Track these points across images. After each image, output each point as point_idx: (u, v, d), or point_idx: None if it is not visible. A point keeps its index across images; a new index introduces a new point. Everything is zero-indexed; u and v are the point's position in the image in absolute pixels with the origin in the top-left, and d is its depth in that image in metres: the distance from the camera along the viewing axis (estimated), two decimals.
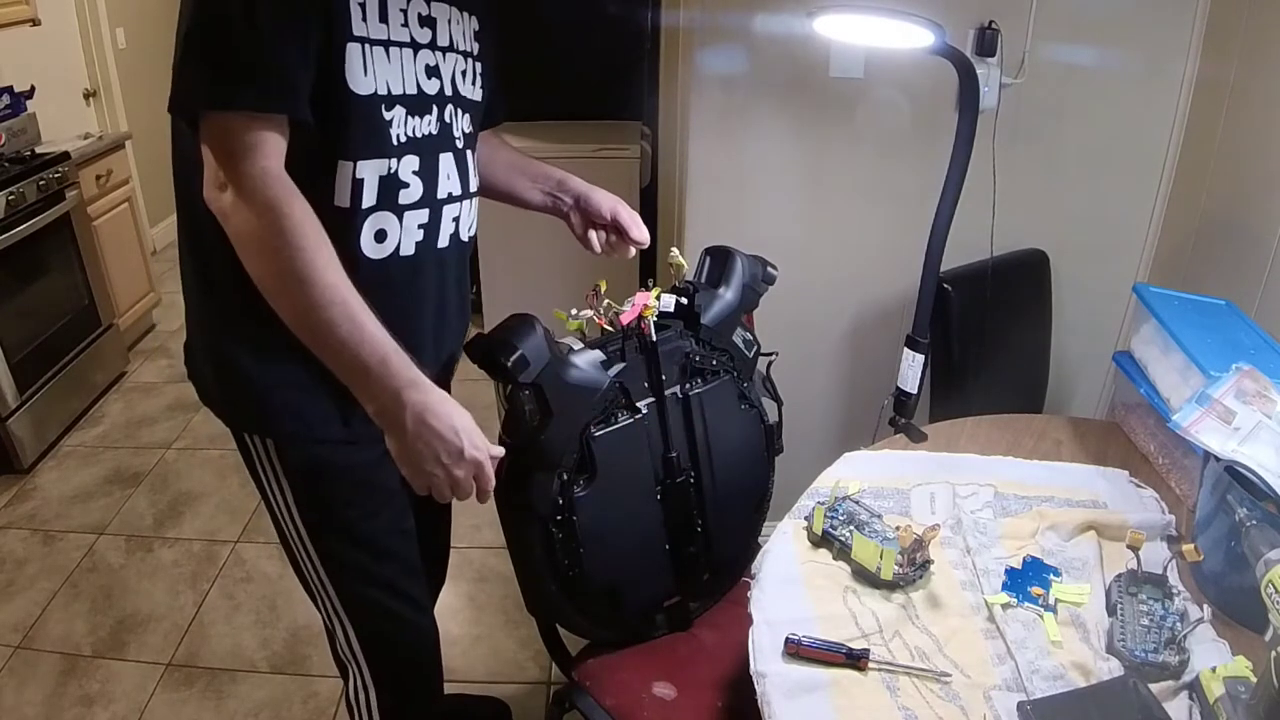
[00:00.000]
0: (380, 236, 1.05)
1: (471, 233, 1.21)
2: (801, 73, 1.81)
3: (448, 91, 1.10)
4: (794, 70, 1.81)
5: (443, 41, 1.08)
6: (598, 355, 1.21)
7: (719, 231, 1.64)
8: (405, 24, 1.01)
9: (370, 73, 0.98)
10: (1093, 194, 1.91)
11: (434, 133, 1.08)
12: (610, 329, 1.25)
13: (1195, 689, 0.95)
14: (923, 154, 1.75)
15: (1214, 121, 1.74)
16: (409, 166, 1.05)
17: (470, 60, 1.14)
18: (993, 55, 1.75)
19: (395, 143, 1.02)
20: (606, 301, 1.24)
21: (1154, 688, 0.96)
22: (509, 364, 1.10)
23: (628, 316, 1.22)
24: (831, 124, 1.85)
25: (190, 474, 2.73)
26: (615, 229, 1.33)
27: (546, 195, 1.36)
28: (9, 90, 3.03)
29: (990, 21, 1.74)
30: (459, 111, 1.13)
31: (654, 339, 1.24)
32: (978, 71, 1.40)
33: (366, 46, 0.97)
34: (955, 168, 1.40)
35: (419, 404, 0.96)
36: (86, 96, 3.94)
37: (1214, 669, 0.94)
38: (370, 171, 1.02)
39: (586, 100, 3.31)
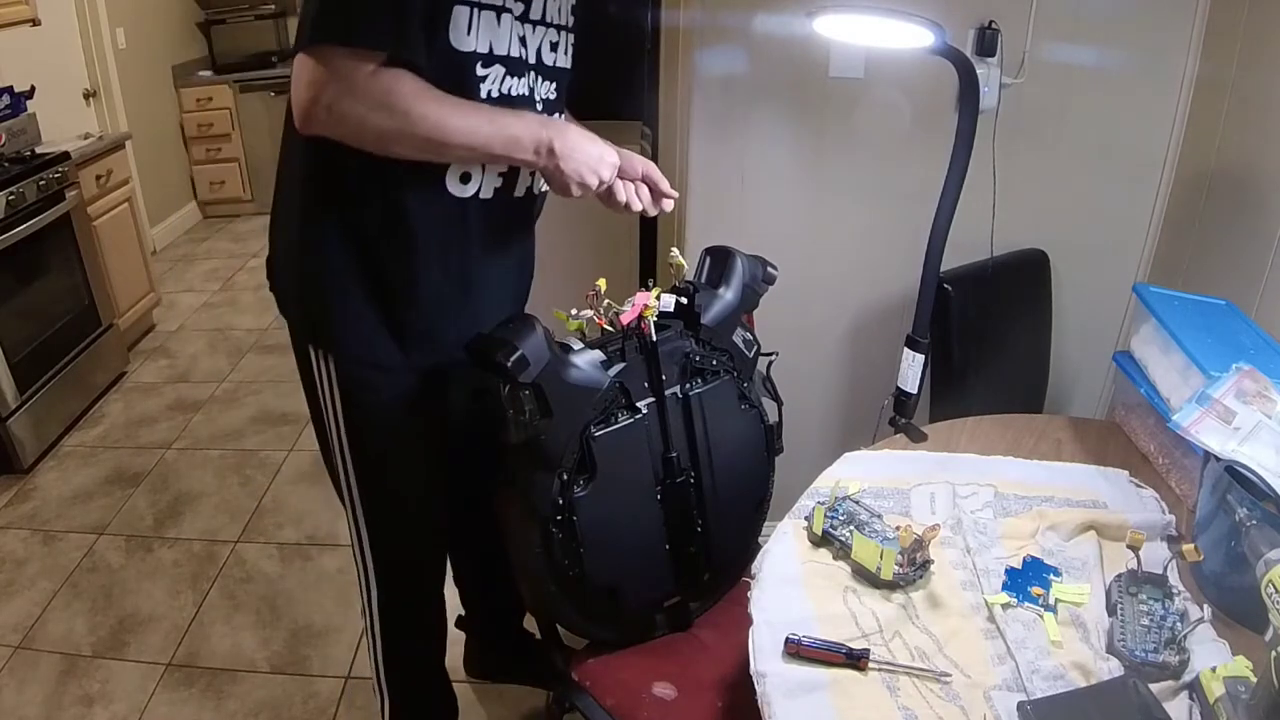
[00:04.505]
0: (465, 179, 1.16)
1: (544, 187, 1.28)
2: (801, 73, 1.81)
3: (531, 60, 1.18)
4: (794, 70, 1.80)
5: (534, 15, 1.16)
6: (598, 355, 1.22)
7: (719, 231, 1.64)
8: None
9: (474, 33, 1.07)
10: (1093, 194, 1.91)
11: (525, 94, 1.18)
12: (610, 329, 1.26)
13: (1195, 689, 0.95)
14: (923, 154, 1.74)
15: (1214, 121, 1.74)
16: None
17: (563, 33, 1.22)
18: (993, 55, 1.75)
19: (484, 97, 1.11)
20: (606, 301, 1.24)
21: (1154, 688, 0.96)
22: (509, 364, 1.10)
23: (628, 316, 1.22)
24: (831, 124, 1.85)
25: (190, 474, 2.73)
26: (647, 183, 1.30)
27: None
28: (9, 90, 3.04)
29: (990, 21, 1.74)
30: (540, 79, 1.21)
31: (654, 339, 1.24)
32: (978, 71, 1.40)
33: (474, 10, 1.06)
34: (955, 168, 1.40)
35: (559, 136, 1.11)
36: (86, 96, 3.94)
37: (1214, 669, 0.94)
38: None
39: (586, 100, 3.30)
